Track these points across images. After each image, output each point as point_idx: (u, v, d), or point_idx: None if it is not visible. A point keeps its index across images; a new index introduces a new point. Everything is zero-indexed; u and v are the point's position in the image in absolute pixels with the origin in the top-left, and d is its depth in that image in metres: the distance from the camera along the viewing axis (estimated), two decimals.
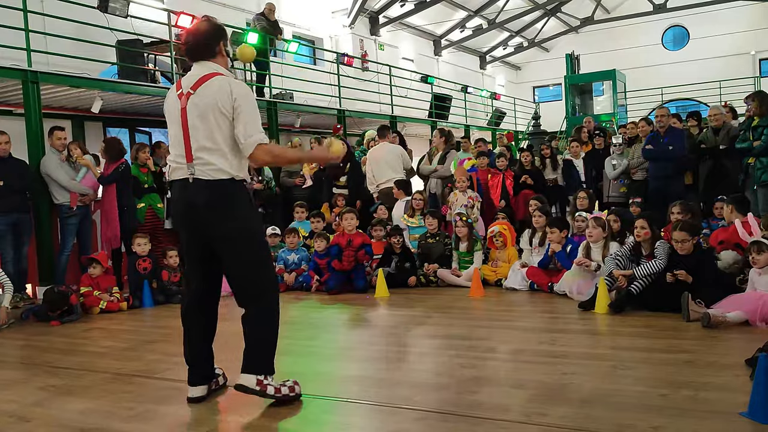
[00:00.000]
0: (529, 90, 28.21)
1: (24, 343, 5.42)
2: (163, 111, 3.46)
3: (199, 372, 3.48)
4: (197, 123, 3.25)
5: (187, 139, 3.26)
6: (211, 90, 3.25)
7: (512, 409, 3.12)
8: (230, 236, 3.28)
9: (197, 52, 3.39)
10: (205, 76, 3.30)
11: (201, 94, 3.25)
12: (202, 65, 3.37)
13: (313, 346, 4.77)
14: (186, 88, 3.32)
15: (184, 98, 3.30)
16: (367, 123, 14.57)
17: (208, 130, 3.23)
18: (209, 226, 3.28)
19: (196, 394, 3.46)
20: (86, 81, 8.63)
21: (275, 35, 12.26)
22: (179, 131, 3.30)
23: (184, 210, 3.35)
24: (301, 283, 7.32)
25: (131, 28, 9.56)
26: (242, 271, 3.33)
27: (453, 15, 22.01)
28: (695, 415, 2.90)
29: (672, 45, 25.37)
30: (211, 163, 3.24)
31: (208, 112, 3.23)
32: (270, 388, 3.30)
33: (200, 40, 3.39)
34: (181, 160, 3.30)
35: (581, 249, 6.06)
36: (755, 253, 4.79)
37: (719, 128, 7.88)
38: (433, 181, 9.26)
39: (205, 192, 3.24)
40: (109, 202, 7.48)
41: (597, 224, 6.04)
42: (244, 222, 3.32)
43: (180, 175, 3.32)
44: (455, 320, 5.41)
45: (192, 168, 3.25)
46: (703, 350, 4.01)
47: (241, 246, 3.30)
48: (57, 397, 3.70)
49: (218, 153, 3.24)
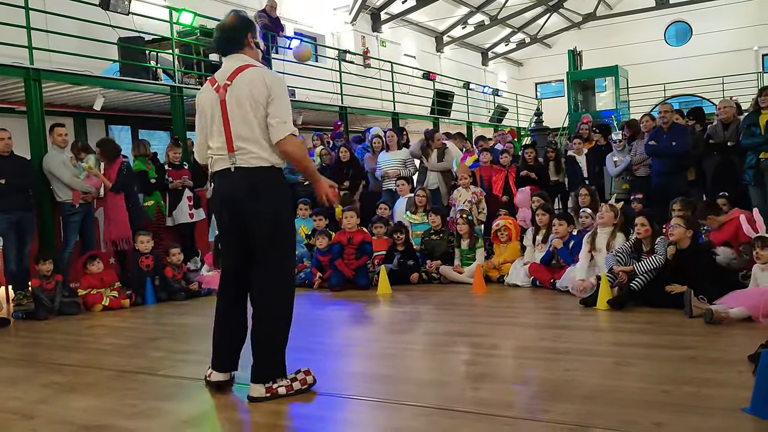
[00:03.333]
0: (532, 86, 28.14)
1: (27, 340, 5.43)
2: (199, 110, 3.50)
3: (224, 358, 3.53)
4: (236, 113, 3.30)
5: (228, 131, 3.32)
6: (245, 80, 3.30)
7: (515, 405, 3.13)
8: (265, 221, 3.33)
9: (226, 46, 3.45)
10: (239, 67, 3.34)
11: (236, 85, 3.31)
12: (233, 58, 3.41)
13: (316, 343, 4.77)
14: (222, 80, 3.36)
15: (222, 91, 3.34)
16: (369, 120, 14.56)
17: (245, 120, 3.29)
18: (247, 211, 3.33)
19: (218, 378, 3.53)
20: (88, 78, 8.64)
21: (277, 32, 12.25)
22: (220, 123, 3.35)
23: (225, 197, 3.39)
24: (303, 280, 7.33)
25: (133, 26, 9.56)
26: (271, 258, 3.36)
27: (455, 11, 21.96)
28: (698, 411, 2.90)
29: (674, 41, 25.29)
30: (251, 151, 3.30)
31: (244, 103, 3.28)
32: (281, 389, 3.34)
33: (228, 33, 3.44)
34: (223, 151, 3.35)
35: (587, 237, 6.05)
36: (759, 249, 4.78)
37: (728, 122, 7.80)
38: (433, 176, 9.21)
39: (246, 179, 3.32)
40: (114, 204, 7.43)
41: (610, 209, 6.04)
42: (281, 209, 3.39)
43: (222, 165, 3.38)
44: (458, 317, 5.41)
45: (233, 158, 3.32)
46: (705, 346, 4.01)
47: (274, 232, 3.35)
48: (61, 394, 3.70)
49: (258, 142, 3.30)
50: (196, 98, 3.58)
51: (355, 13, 17.68)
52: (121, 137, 12.38)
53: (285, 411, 3.24)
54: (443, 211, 7.82)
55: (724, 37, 23.25)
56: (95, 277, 6.62)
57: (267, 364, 3.36)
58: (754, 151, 7.01)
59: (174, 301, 6.80)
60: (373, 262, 7.28)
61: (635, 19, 24.16)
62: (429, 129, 9.97)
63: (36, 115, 7.57)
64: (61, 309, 6.27)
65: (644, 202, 7.58)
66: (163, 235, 7.99)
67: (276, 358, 3.38)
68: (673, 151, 7.66)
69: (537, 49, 27.05)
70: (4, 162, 6.84)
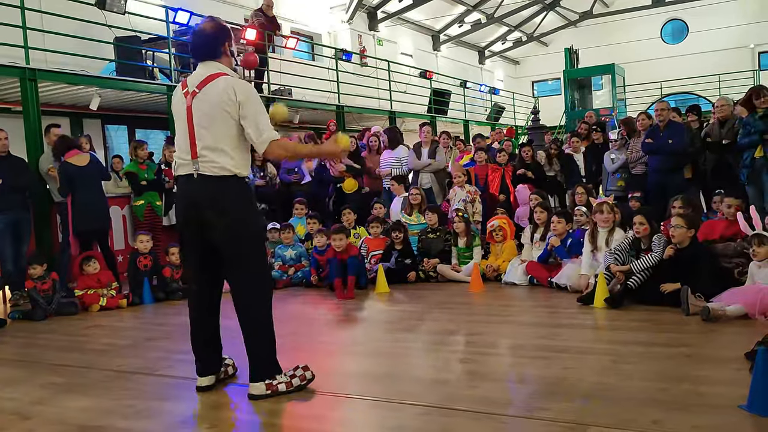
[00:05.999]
0: (528, 84, 28.17)
1: (24, 341, 5.41)
2: (171, 108, 3.52)
3: (206, 363, 3.57)
4: (202, 122, 3.32)
5: (193, 137, 3.33)
6: (216, 90, 3.30)
7: (513, 403, 3.13)
8: (229, 231, 3.34)
9: (202, 53, 3.46)
10: (210, 76, 3.35)
11: (206, 93, 3.32)
12: (207, 65, 3.42)
13: (313, 342, 4.78)
14: (192, 86, 3.38)
15: (190, 97, 3.36)
16: (366, 119, 14.56)
17: (212, 129, 3.31)
18: (210, 221, 3.33)
19: (204, 383, 3.56)
20: (84, 78, 8.63)
21: (273, 31, 12.24)
22: (185, 129, 3.37)
23: (187, 205, 3.42)
24: (300, 279, 7.33)
25: (129, 25, 9.54)
26: (239, 267, 3.39)
27: (451, 10, 21.96)
28: (695, 408, 2.91)
29: (671, 39, 25.33)
30: (215, 161, 3.31)
31: (212, 112, 3.30)
32: (281, 386, 3.37)
33: (205, 40, 3.44)
34: (186, 156, 3.36)
35: (587, 236, 6.05)
36: (756, 246, 4.79)
37: (726, 120, 7.80)
38: (426, 177, 9.17)
39: (207, 187, 3.32)
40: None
41: (609, 209, 6.05)
42: (244, 218, 3.38)
43: (185, 171, 3.40)
44: (455, 315, 5.41)
45: (196, 164, 3.33)
46: (702, 344, 4.02)
47: (238, 241, 3.36)
48: (58, 394, 3.70)
49: (222, 152, 3.31)
50: (172, 99, 3.58)
51: (351, 11, 17.67)
52: (117, 137, 12.37)
53: (283, 410, 3.24)
54: (439, 209, 7.80)
55: (720, 35, 23.29)
56: (92, 277, 6.61)
57: (263, 361, 3.38)
58: (749, 149, 7.02)
59: (171, 301, 6.79)
60: (370, 261, 7.27)
61: (632, 17, 24.18)
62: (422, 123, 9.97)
63: (32, 115, 7.56)
64: (58, 309, 6.25)
65: (642, 199, 7.59)
66: (159, 236, 7.98)
67: (270, 353, 3.40)
68: (670, 149, 7.67)
69: (534, 47, 27.08)
70: (1, 162, 6.82)
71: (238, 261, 3.38)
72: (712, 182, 7.71)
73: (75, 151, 6.97)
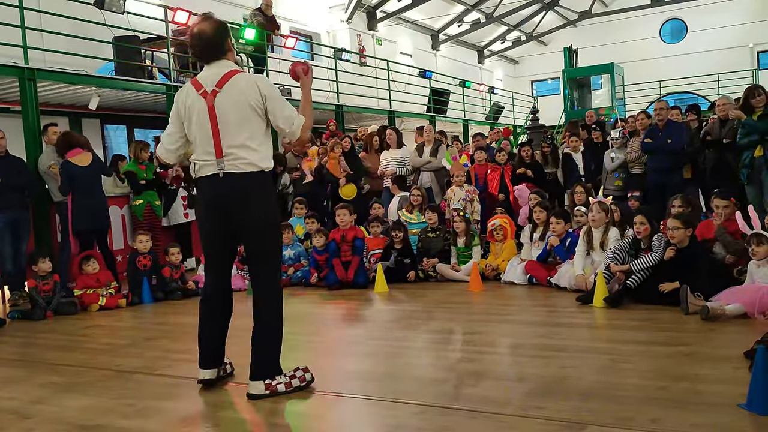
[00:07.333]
0: (528, 84, 28.18)
1: (24, 340, 5.42)
2: (179, 112, 3.45)
3: (208, 355, 3.57)
4: (228, 119, 3.32)
5: (217, 136, 3.33)
6: (239, 87, 3.33)
7: (511, 402, 3.13)
8: (256, 224, 3.38)
9: (209, 54, 3.45)
10: (228, 73, 3.36)
11: (228, 92, 3.32)
12: (219, 65, 3.42)
13: (313, 341, 4.78)
14: (209, 86, 3.36)
15: (210, 96, 3.34)
16: (365, 118, 14.55)
17: (238, 127, 3.32)
18: (237, 215, 3.36)
19: (206, 376, 3.56)
20: (83, 78, 8.62)
21: (272, 31, 12.24)
22: (207, 129, 3.35)
23: (214, 201, 3.40)
24: (300, 279, 7.33)
25: (128, 25, 9.53)
26: (263, 262, 3.44)
27: (450, 9, 21.96)
28: (694, 407, 2.91)
29: (670, 38, 25.33)
30: (242, 157, 3.33)
31: (238, 109, 3.31)
32: (280, 386, 3.37)
33: (208, 42, 3.41)
34: (210, 157, 3.35)
35: (582, 235, 6.06)
36: (755, 245, 4.80)
37: (726, 119, 7.80)
38: (426, 176, 9.19)
39: (236, 183, 3.34)
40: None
41: (600, 209, 6.05)
42: (270, 212, 3.45)
43: (208, 171, 3.38)
44: (454, 315, 5.42)
45: (222, 163, 3.33)
46: (701, 343, 4.02)
47: (264, 235, 3.41)
48: (57, 394, 3.70)
49: (248, 148, 3.34)
50: (177, 98, 3.51)
51: (350, 11, 17.67)
52: (116, 136, 12.37)
53: (282, 409, 3.24)
54: (440, 209, 7.80)
55: (719, 35, 23.30)
56: (91, 277, 6.61)
57: (266, 361, 3.38)
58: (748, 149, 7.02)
59: (171, 301, 6.78)
60: (369, 260, 7.27)
61: (631, 17, 24.18)
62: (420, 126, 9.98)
63: (31, 115, 7.55)
64: (57, 309, 6.24)
65: (641, 199, 7.59)
66: (158, 235, 7.97)
67: (275, 354, 3.41)
68: (669, 148, 7.67)
69: (533, 46, 27.08)
70: (0, 162, 6.82)
71: (263, 256, 3.43)
72: (712, 181, 7.70)
73: (78, 150, 7.01)
